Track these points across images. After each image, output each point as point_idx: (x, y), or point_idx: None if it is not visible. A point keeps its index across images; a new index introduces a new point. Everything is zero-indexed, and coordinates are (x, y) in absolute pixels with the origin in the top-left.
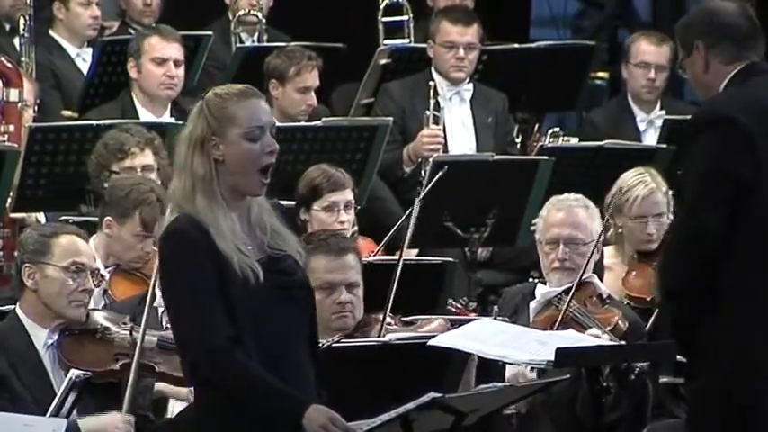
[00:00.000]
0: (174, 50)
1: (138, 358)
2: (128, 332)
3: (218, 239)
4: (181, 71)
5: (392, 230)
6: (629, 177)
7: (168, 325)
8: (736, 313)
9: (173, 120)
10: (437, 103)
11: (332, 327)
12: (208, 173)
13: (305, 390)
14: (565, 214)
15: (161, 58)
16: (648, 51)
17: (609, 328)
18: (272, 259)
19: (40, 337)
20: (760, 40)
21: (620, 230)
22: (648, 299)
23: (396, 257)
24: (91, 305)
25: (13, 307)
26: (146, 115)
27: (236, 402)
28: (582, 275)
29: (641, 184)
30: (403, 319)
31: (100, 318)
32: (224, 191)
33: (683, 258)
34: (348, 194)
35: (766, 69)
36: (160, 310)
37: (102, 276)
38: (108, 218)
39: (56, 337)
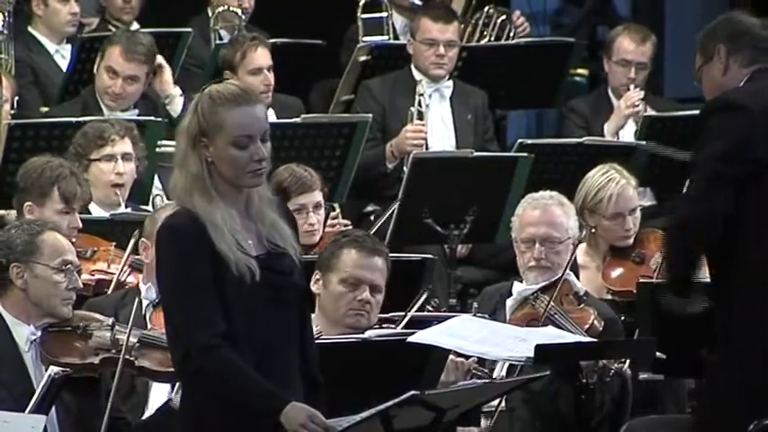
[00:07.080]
0: (132, 69)
1: (123, 358)
2: (108, 329)
3: (217, 238)
4: (131, 88)
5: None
6: (597, 177)
7: (150, 322)
8: (753, 298)
9: (136, 111)
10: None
11: (345, 323)
12: (201, 172)
13: (291, 388)
14: (540, 213)
15: (114, 70)
16: (630, 50)
17: (585, 329)
18: (271, 256)
19: (23, 333)
20: None
21: (593, 230)
22: (634, 291)
23: None
24: None
25: None
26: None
27: (221, 398)
28: (559, 274)
29: (611, 182)
30: (381, 316)
31: (82, 315)
32: (221, 187)
33: (692, 243)
34: (317, 196)
35: None
36: (144, 303)
37: (81, 271)
38: (28, 203)
39: (39, 333)
